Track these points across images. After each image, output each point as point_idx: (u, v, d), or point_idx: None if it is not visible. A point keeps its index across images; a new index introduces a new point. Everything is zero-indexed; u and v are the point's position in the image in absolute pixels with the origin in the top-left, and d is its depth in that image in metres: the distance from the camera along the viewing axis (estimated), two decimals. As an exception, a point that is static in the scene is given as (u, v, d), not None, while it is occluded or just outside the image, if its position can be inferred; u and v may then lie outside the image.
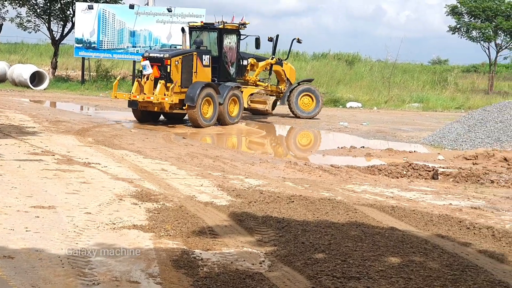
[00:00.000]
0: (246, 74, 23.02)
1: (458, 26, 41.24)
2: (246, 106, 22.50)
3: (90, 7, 32.43)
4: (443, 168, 13.25)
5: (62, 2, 36.24)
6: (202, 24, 21.85)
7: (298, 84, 24.51)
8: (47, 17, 36.69)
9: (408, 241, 7.17)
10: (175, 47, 21.74)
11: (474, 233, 7.82)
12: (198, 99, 19.25)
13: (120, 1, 36.42)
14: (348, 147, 16.65)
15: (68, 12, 36.50)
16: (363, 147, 16.91)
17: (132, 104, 19.71)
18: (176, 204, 8.73)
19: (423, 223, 8.22)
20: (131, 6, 32.41)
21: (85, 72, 34.48)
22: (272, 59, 23.76)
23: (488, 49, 41.18)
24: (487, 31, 39.81)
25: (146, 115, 20.17)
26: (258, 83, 23.58)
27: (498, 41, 40.81)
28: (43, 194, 8.92)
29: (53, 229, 7.16)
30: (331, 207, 8.85)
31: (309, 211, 8.57)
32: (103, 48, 32.44)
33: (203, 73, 20.29)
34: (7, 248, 6.40)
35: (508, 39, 40.60)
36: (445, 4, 50.92)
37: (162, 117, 21.12)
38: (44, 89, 31.87)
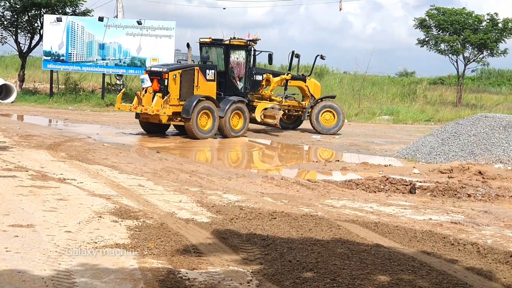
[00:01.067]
0: (261, 89, 23.35)
1: (426, 39, 41.57)
2: (259, 120, 22.77)
3: (59, 20, 32.08)
4: (420, 182, 13.25)
5: (29, 14, 35.81)
6: (211, 40, 22.31)
7: (321, 100, 24.54)
8: (14, 29, 36.22)
9: (395, 259, 7.11)
10: (179, 62, 22.87)
11: (459, 250, 7.80)
12: (193, 111, 20.00)
13: (89, 14, 36.11)
14: (323, 161, 16.63)
15: (36, 25, 36.06)
16: (338, 160, 16.91)
17: (136, 116, 21.14)
18: (157, 221, 8.60)
19: (407, 240, 8.18)
20: (101, 19, 32.13)
21: (53, 85, 34.08)
22: (287, 75, 23.98)
23: (456, 62, 41.53)
24: (455, 44, 40.15)
25: (151, 126, 21.15)
26: (272, 98, 23.78)
27: (466, 54, 41.18)
28: (20, 212, 8.73)
29: (34, 249, 7.00)
30: (314, 223, 8.78)
31: (293, 227, 8.49)
32: (71, 60, 32.10)
33: (206, 87, 21.04)
34: (-12, 269, 6.23)
35: (476, 52, 41.00)
36: (413, 17, 51.26)
37: (174, 128, 22.01)
38: (12, 102, 31.45)
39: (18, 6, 35.38)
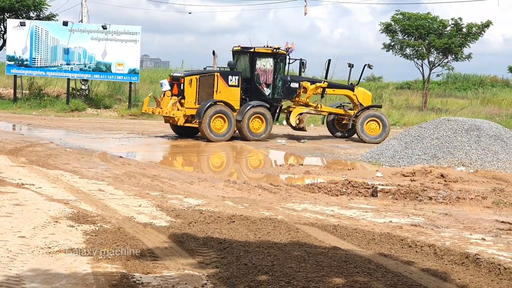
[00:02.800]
0: (298, 96, 24.12)
1: (392, 43, 41.73)
2: (294, 124, 23.89)
3: (22, 24, 31.72)
4: (382, 185, 13.28)
5: (-8, 19, 35.44)
6: (240, 48, 23.26)
7: (366, 109, 24.66)
8: (-24, 34, 35.81)
9: (352, 261, 7.09)
10: (205, 69, 23.71)
11: (416, 251, 7.81)
12: (205, 114, 21.22)
13: (53, 18, 35.79)
14: (287, 165, 16.61)
15: (-1, 29, 35.74)
16: (302, 164, 16.89)
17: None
18: (114, 226, 8.51)
19: (365, 242, 8.18)
20: (65, 23, 31.87)
21: (17, 90, 33.67)
22: (324, 83, 24.60)
23: (422, 66, 41.71)
24: (420, 48, 40.38)
25: (181, 129, 22.43)
26: (309, 104, 24.52)
27: (431, 59, 41.38)
28: (-26, 218, 8.59)
29: (-15, 255, 6.87)
30: (272, 226, 8.75)
31: (251, 231, 8.44)
32: (35, 65, 31.73)
33: (228, 93, 22.28)
34: None
35: (441, 57, 41.24)
36: (379, 22, 51.71)
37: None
38: (-25, 108, 31.05)
39: (-20, 11, 34.96)
